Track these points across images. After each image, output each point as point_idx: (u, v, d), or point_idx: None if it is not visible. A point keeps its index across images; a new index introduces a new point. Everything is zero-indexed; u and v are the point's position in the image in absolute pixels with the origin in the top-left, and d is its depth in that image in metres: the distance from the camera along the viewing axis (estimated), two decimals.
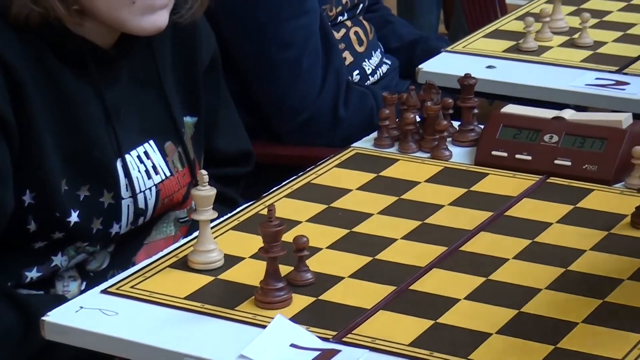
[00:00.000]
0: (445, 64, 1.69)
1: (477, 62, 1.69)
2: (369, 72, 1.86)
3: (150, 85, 1.33)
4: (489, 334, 1.03)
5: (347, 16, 1.85)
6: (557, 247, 1.17)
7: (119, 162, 1.28)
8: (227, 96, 1.47)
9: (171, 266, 1.16)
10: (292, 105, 1.72)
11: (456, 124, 1.43)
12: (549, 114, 1.38)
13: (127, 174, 1.28)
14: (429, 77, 1.61)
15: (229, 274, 1.14)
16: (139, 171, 1.30)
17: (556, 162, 1.32)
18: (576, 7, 1.89)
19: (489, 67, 1.68)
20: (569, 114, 1.37)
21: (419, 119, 1.41)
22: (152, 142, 1.33)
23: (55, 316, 1.08)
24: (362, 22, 1.89)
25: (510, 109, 1.40)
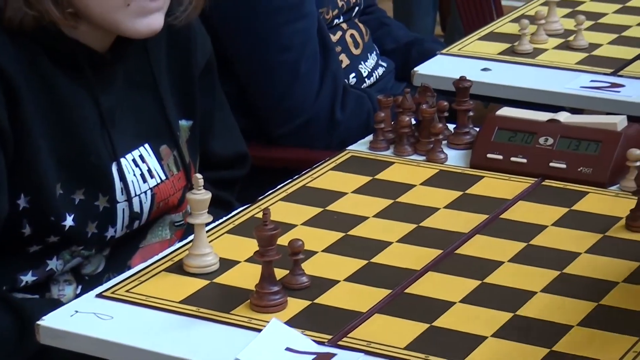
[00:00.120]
0: (440, 67, 1.69)
1: (473, 65, 1.69)
2: (365, 74, 1.86)
3: (145, 88, 1.33)
4: (484, 337, 1.03)
5: (343, 19, 1.85)
6: (552, 250, 1.17)
7: (114, 166, 1.28)
8: (222, 99, 1.47)
9: (166, 270, 1.16)
10: (289, 108, 1.72)
11: (451, 127, 1.43)
12: (544, 116, 1.38)
13: (123, 178, 1.28)
14: (425, 79, 1.61)
15: (224, 277, 1.14)
16: (134, 175, 1.30)
17: (551, 164, 1.32)
18: (571, 10, 1.89)
19: (484, 69, 1.68)
20: (564, 116, 1.37)
21: (414, 122, 1.41)
22: (147, 145, 1.32)
23: (50, 320, 1.08)
24: (357, 24, 1.89)
25: (505, 111, 1.40)
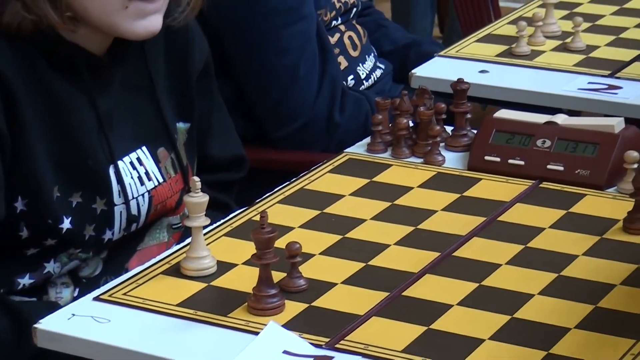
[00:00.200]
0: (438, 69, 1.69)
1: (470, 67, 1.69)
2: (363, 76, 1.86)
3: (143, 91, 1.33)
4: (482, 339, 1.03)
5: (340, 20, 1.85)
6: (549, 253, 1.17)
7: (111, 169, 1.28)
8: (219, 102, 1.47)
9: (164, 273, 1.15)
10: (288, 111, 1.72)
11: (449, 129, 1.43)
12: (541, 118, 1.38)
13: (120, 181, 1.28)
14: (422, 81, 1.61)
15: (221, 280, 1.14)
16: (132, 177, 1.30)
17: (549, 167, 1.32)
18: (569, 11, 1.89)
19: (482, 71, 1.68)
20: (562, 118, 1.37)
21: (412, 124, 1.41)
22: (144, 148, 1.32)
23: (47, 323, 1.08)
24: (355, 26, 1.89)
25: (503, 113, 1.40)
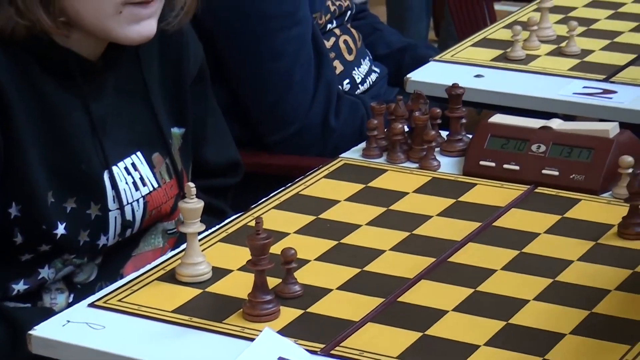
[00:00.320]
0: (433, 73, 1.69)
1: (465, 71, 1.69)
2: (358, 81, 1.86)
3: (137, 96, 1.33)
4: (477, 345, 1.03)
5: (335, 24, 1.85)
6: (545, 258, 1.17)
7: (106, 174, 1.28)
8: (215, 106, 1.47)
9: (159, 279, 1.15)
10: (283, 115, 1.72)
11: (444, 134, 1.43)
12: (536, 123, 1.38)
13: (115, 186, 1.28)
14: (418, 86, 1.61)
15: (216, 286, 1.13)
16: (127, 183, 1.30)
17: (544, 171, 1.32)
18: (564, 16, 1.89)
19: (477, 76, 1.68)
20: (557, 123, 1.37)
21: (407, 129, 1.41)
22: (139, 153, 1.32)
23: (42, 330, 1.08)
24: (350, 30, 1.89)
25: (498, 118, 1.40)
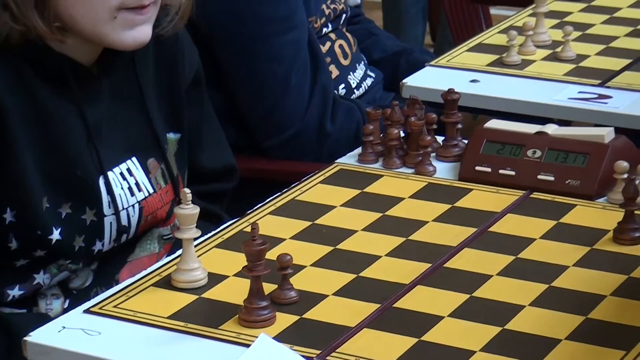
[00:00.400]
0: (429, 78, 1.69)
1: (461, 76, 1.69)
2: (354, 85, 1.86)
3: (132, 101, 1.33)
4: (473, 351, 1.03)
5: (331, 27, 1.85)
6: (540, 263, 1.17)
7: (101, 179, 1.28)
8: (210, 112, 1.47)
9: (154, 285, 1.15)
10: (279, 120, 1.72)
11: (440, 139, 1.43)
12: (532, 128, 1.38)
13: (110, 191, 1.28)
14: (413, 91, 1.61)
15: (212, 292, 1.13)
16: (122, 188, 1.30)
17: (539, 177, 1.33)
18: (559, 20, 1.90)
19: (472, 81, 1.68)
20: (552, 128, 1.38)
21: (403, 135, 1.41)
22: (134, 159, 1.32)
23: (37, 336, 1.08)
24: (345, 34, 1.89)
25: (493, 124, 1.40)
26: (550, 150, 1.34)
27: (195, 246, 1.17)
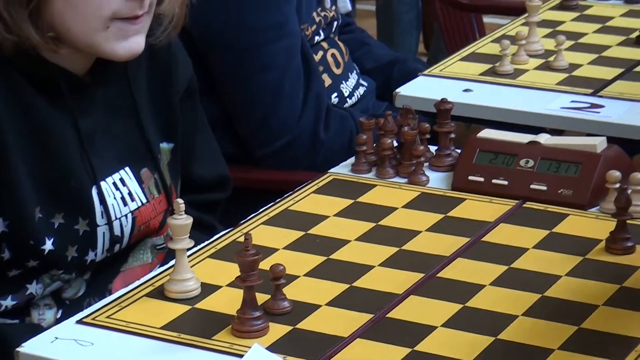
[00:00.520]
0: (422, 88, 1.70)
1: (454, 86, 1.69)
2: (346, 94, 1.86)
3: (125, 111, 1.33)
4: None
5: (323, 35, 1.85)
6: (533, 273, 1.18)
7: (94, 190, 1.28)
8: (204, 121, 1.47)
9: (147, 295, 1.15)
10: (272, 128, 1.72)
11: (433, 149, 1.43)
12: (524, 138, 1.38)
13: (103, 201, 1.28)
14: (406, 101, 1.62)
15: (205, 302, 1.13)
16: (115, 198, 1.30)
17: (532, 186, 1.33)
18: (551, 30, 1.90)
19: (465, 90, 1.68)
20: (544, 138, 1.38)
21: (396, 144, 1.42)
22: (127, 169, 1.32)
23: (30, 347, 1.07)
24: (338, 43, 1.89)
25: (486, 133, 1.41)
26: (542, 159, 1.34)
27: (188, 256, 1.17)
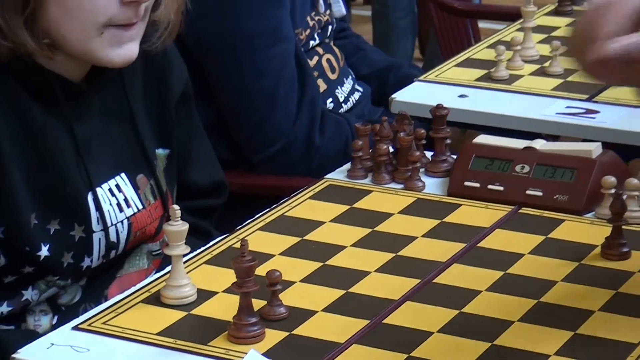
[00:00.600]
0: (418, 94, 1.70)
1: (450, 91, 1.70)
2: (341, 99, 1.87)
3: (121, 117, 1.33)
4: None
5: (317, 40, 1.85)
6: (529, 279, 1.18)
7: (89, 196, 1.28)
8: (199, 127, 1.47)
9: (143, 301, 1.15)
10: (267, 133, 1.72)
11: (429, 154, 1.44)
12: (520, 144, 1.39)
13: (99, 207, 1.28)
14: (402, 106, 1.62)
15: (201, 309, 1.13)
16: (111, 204, 1.30)
17: (528, 192, 1.33)
18: (547, 35, 1.91)
19: (461, 96, 1.69)
20: (540, 144, 1.38)
21: (392, 150, 1.42)
22: (123, 175, 1.32)
23: (25, 353, 1.07)
24: (333, 48, 1.89)
25: (482, 139, 1.41)
26: (538, 165, 1.34)
27: (184, 262, 1.17)
